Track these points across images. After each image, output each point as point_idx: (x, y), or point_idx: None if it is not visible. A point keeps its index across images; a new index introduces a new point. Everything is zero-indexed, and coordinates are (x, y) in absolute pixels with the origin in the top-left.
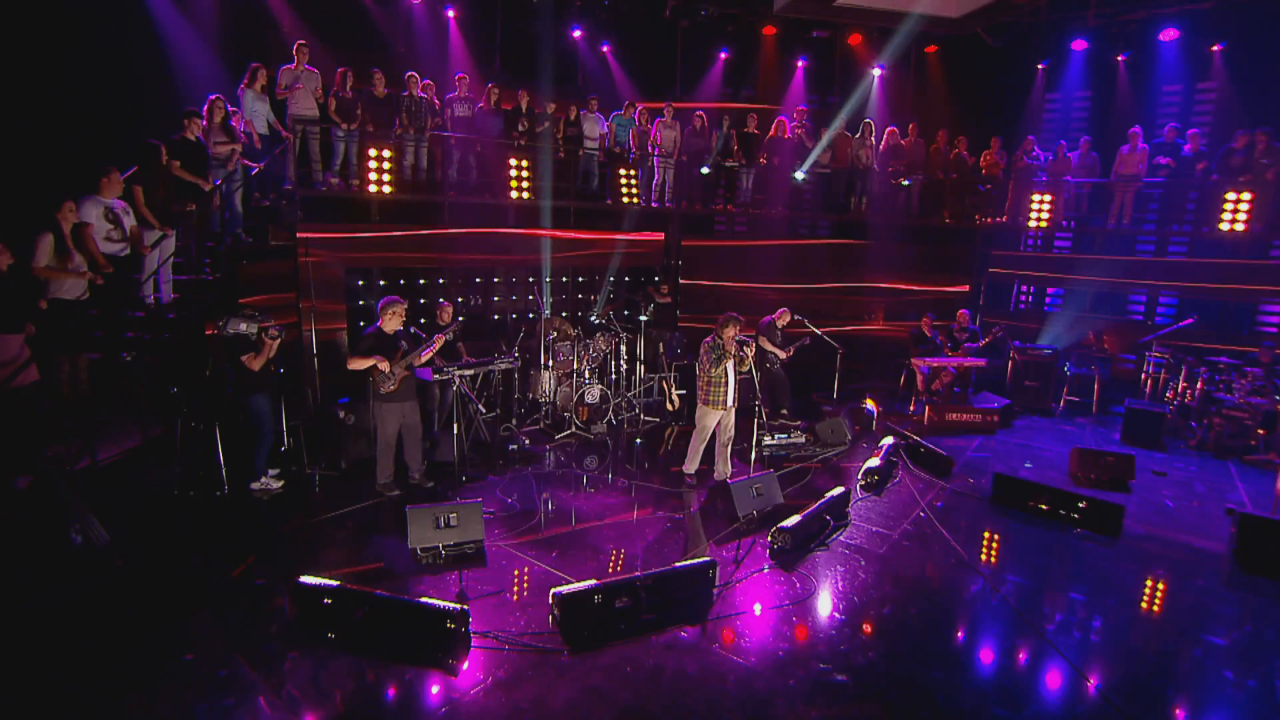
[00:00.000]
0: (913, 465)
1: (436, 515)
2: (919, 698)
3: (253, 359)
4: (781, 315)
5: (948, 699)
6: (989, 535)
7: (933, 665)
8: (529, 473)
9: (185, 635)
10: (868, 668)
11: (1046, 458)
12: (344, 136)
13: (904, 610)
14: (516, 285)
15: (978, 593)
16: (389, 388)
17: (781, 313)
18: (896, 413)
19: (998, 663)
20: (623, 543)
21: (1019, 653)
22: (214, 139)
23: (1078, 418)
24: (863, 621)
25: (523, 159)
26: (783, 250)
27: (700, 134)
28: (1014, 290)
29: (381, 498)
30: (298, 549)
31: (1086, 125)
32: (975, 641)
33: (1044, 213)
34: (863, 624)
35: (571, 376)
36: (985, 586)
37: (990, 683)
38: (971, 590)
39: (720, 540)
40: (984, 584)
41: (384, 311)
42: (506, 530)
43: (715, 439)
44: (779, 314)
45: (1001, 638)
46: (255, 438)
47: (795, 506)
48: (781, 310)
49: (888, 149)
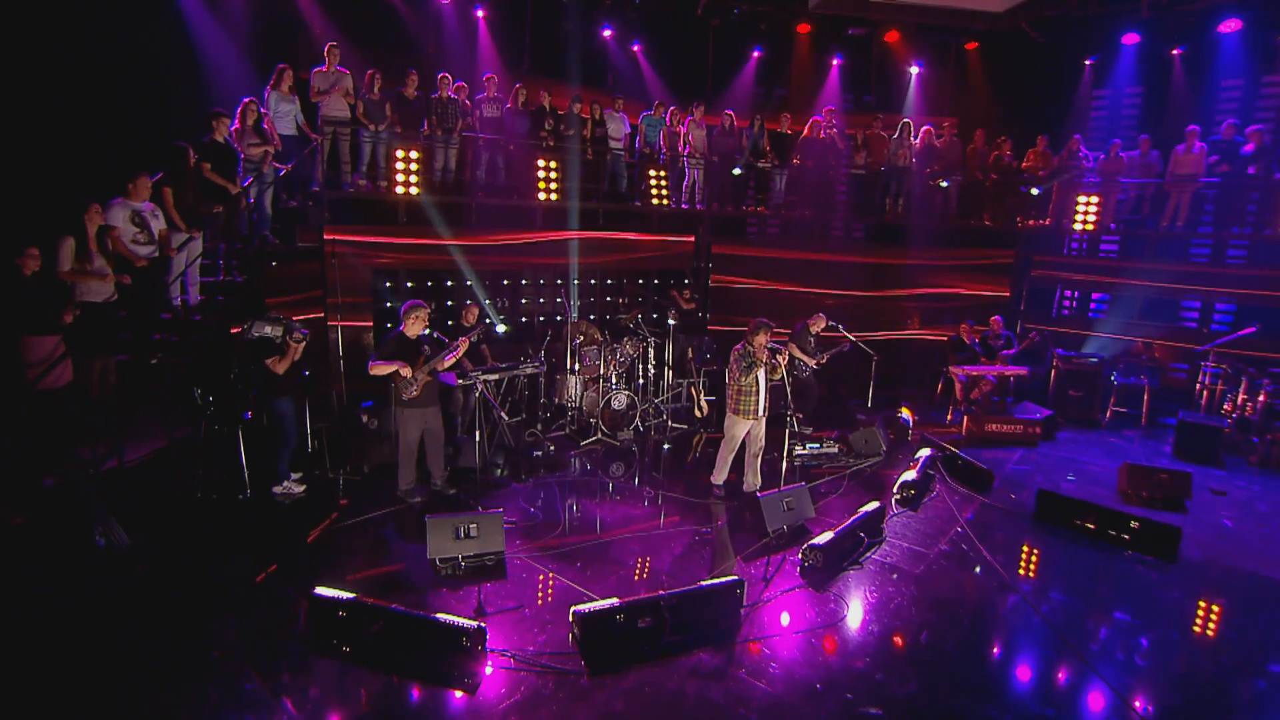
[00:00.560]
0: (950, 479)
1: (456, 526)
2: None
3: (277, 362)
4: (816, 321)
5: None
6: (1032, 556)
7: (973, 698)
8: (553, 480)
9: (197, 645)
10: (904, 700)
11: (1092, 473)
12: (371, 138)
13: (942, 637)
14: (544, 287)
15: (1021, 619)
16: (411, 394)
17: (816, 318)
18: (933, 422)
19: (1043, 697)
20: (647, 556)
21: (1067, 687)
22: (247, 141)
23: (1125, 430)
24: (899, 648)
25: (551, 160)
26: (815, 254)
27: (731, 134)
28: (1056, 295)
29: (403, 504)
30: (318, 556)
31: (1136, 123)
32: (1019, 673)
33: (1090, 215)
34: (899, 651)
35: (598, 382)
36: (1029, 612)
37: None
38: (1015, 616)
39: (749, 556)
40: (1028, 609)
41: (406, 316)
42: (528, 541)
43: (745, 449)
44: (813, 319)
45: (1048, 670)
46: (278, 441)
47: (827, 521)
48: (816, 315)
49: (924, 149)
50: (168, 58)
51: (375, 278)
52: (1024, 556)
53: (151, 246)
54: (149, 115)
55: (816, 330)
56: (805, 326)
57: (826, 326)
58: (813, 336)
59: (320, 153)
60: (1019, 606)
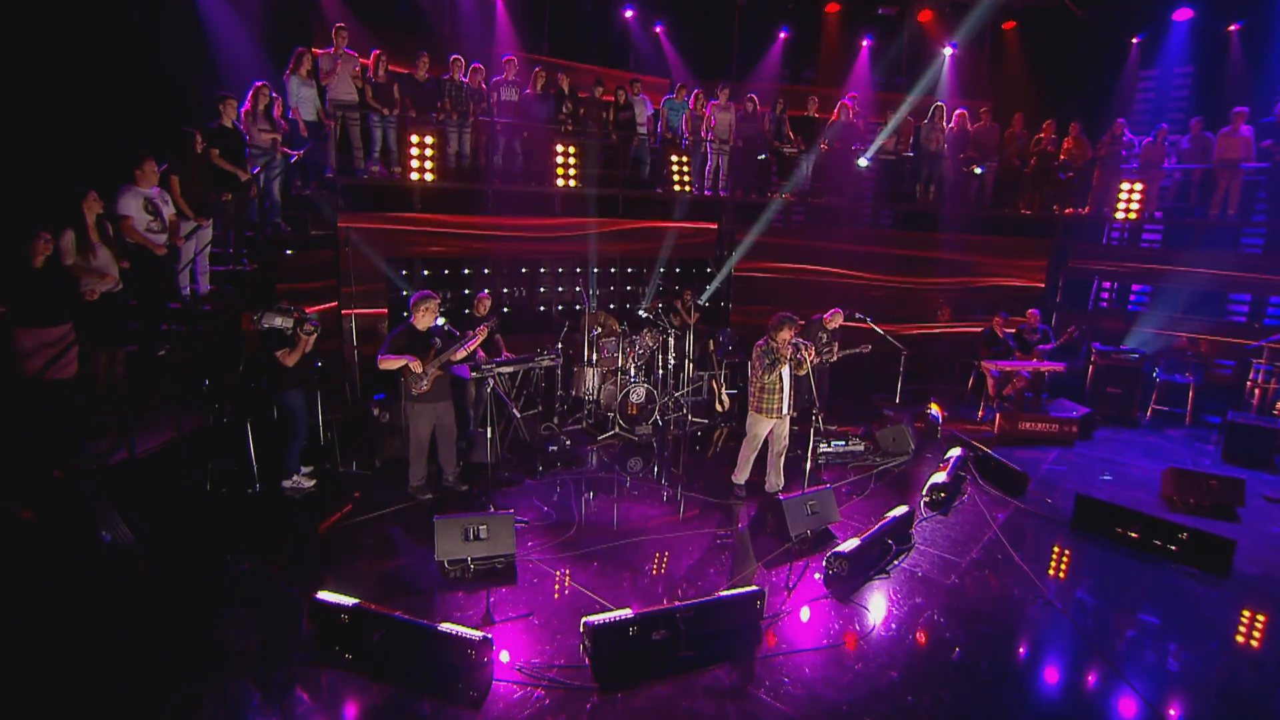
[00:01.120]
0: (982, 481)
1: (466, 527)
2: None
3: (287, 354)
4: (832, 318)
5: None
6: (1071, 567)
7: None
8: (568, 476)
9: (195, 649)
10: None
11: (1133, 476)
12: (381, 122)
13: (975, 656)
14: (563, 276)
15: (1061, 637)
16: (421, 388)
17: (833, 314)
18: (963, 419)
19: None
20: (664, 561)
21: (1111, 714)
22: (257, 126)
23: (1167, 429)
24: (928, 667)
25: (570, 145)
26: (843, 242)
27: (757, 118)
28: (1094, 287)
29: (414, 501)
30: (324, 554)
31: (1186, 106)
32: (1059, 699)
33: (1134, 203)
34: (928, 670)
35: (616, 374)
36: (1070, 629)
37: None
38: (1053, 633)
39: (770, 563)
40: (1068, 626)
41: (416, 307)
42: (541, 542)
43: (768, 448)
44: (829, 315)
45: (1090, 696)
46: (288, 434)
47: (853, 525)
48: (834, 311)
49: (958, 133)
50: (173, 39)
51: (390, 265)
52: (1062, 567)
53: (165, 235)
54: (153, 99)
55: (833, 327)
56: (819, 321)
57: (852, 318)
58: (826, 332)
59: (332, 138)
60: (1058, 622)
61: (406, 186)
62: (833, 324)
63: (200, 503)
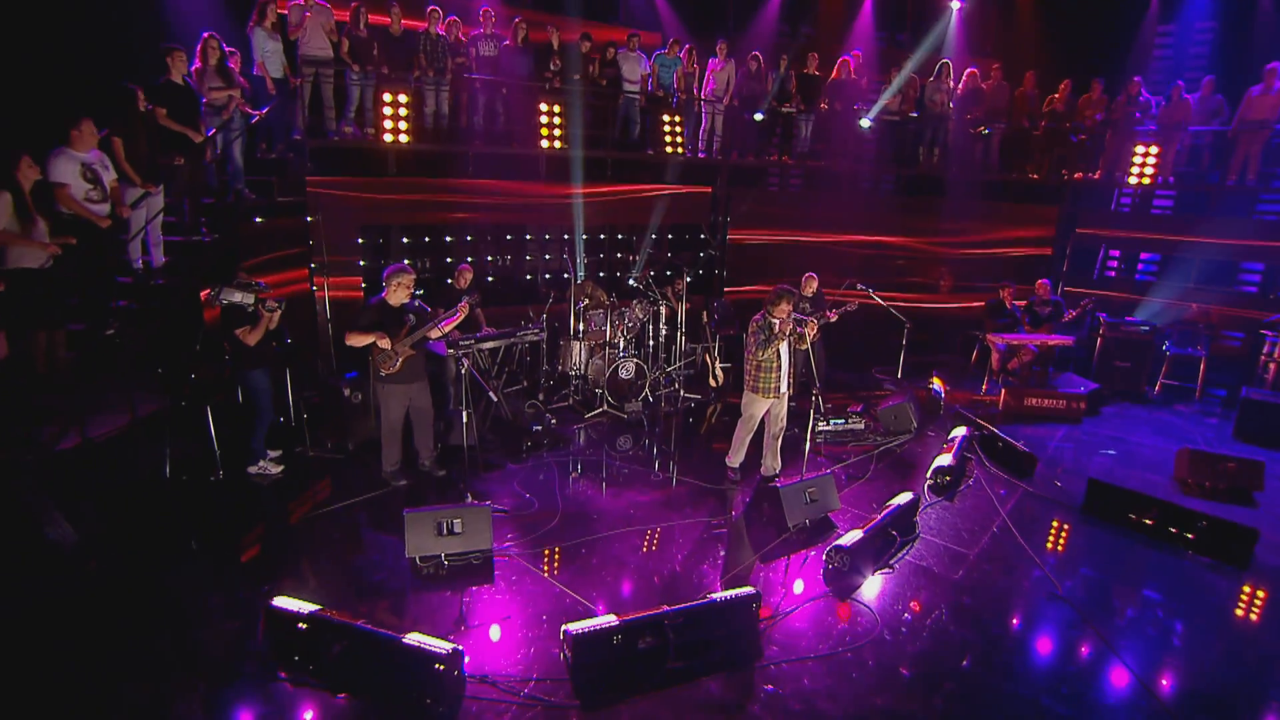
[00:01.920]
0: (989, 462)
1: (439, 520)
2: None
3: (248, 332)
4: (807, 282)
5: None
6: (1085, 558)
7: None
8: (552, 459)
9: (141, 659)
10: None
11: (1144, 455)
12: (358, 80)
13: (988, 662)
14: (550, 243)
15: (1078, 639)
16: (391, 368)
17: (808, 279)
18: (967, 392)
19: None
20: (653, 555)
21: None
22: (209, 84)
23: (1177, 405)
24: (938, 677)
25: (555, 104)
26: (842, 208)
27: (755, 76)
28: (1100, 255)
29: (387, 487)
30: (289, 548)
31: (1206, 64)
32: (1078, 710)
33: (1148, 167)
34: (938, 680)
35: (604, 348)
36: (1087, 631)
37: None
38: (1070, 636)
39: (767, 556)
40: (1085, 628)
41: (389, 281)
42: (520, 534)
43: (764, 429)
44: (804, 281)
45: (1112, 707)
46: (253, 417)
47: (854, 512)
48: (807, 276)
49: (966, 93)
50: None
51: (365, 234)
52: (1076, 559)
53: (107, 204)
54: (92, 52)
55: (809, 292)
56: (798, 292)
57: (853, 288)
58: (807, 300)
59: (301, 97)
60: (1074, 623)
61: (381, 149)
62: (808, 289)
63: (159, 491)
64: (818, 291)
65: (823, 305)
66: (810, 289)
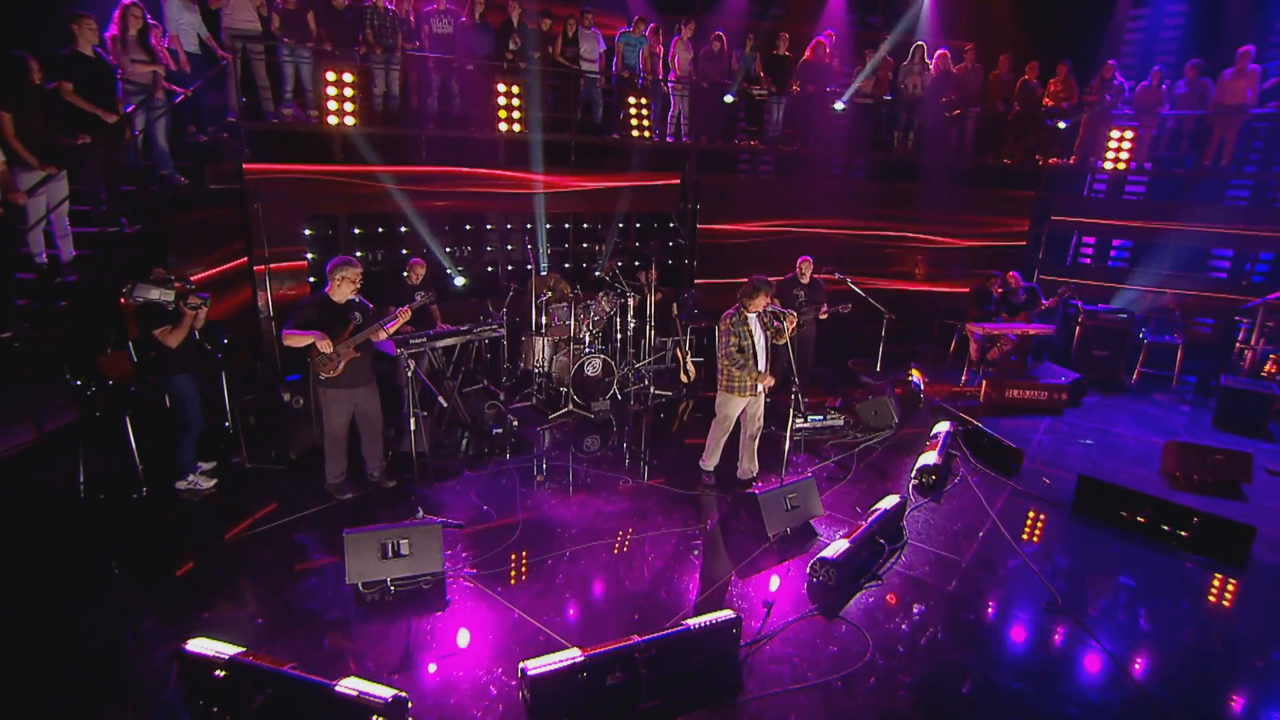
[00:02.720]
0: (973, 459)
1: (383, 541)
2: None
3: (168, 333)
4: (802, 268)
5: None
6: (1079, 561)
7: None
8: (513, 465)
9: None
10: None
11: (1128, 447)
12: (291, 57)
13: (989, 687)
14: (511, 233)
15: (1083, 656)
16: (332, 371)
17: (803, 262)
18: (945, 383)
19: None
20: (622, 572)
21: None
22: (130, 56)
23: (1154, 394)
24: (933, 702)
25: (514, 85)
26: (814, 194)
27: (721, 57)
28: (1072, 242)
29: (332, 501)
30: (217, 574)
31: (1178, 48)
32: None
33: (1123, 152)
34: (934, 708)
35: (569, 344)
36: (1091, 645)
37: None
38: (1076, 654)
39: (746, 570)
40: (1090, 642)
41: (333, 274)
42: (477, 552)
43: (740, 429)
44: (800, 264)
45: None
46: (179, 427)
47: (837, 517)
48: (803, 260)
49: (939, 76)
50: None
51: (312, 225)
52: (1072, 564)
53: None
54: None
55: (806, 280)
56: (793, 279)
57: (829, 278)
58: (802, 289)
59: (232, 75)
60: (1076, 636)
61: (325, 132)
62: (805, 276)
63: (72, 512)
64: (814, 279)
65: (819, 294)
66: (806, 276)
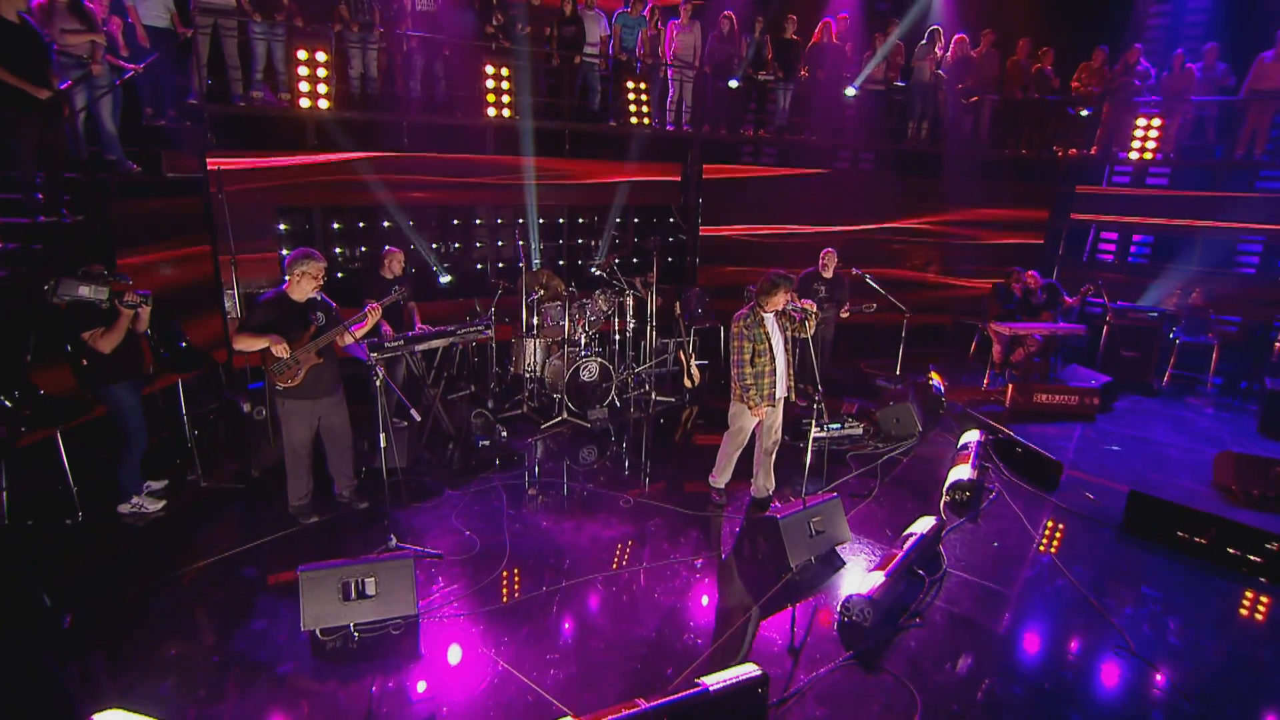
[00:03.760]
0: (1006, 471)
1: (345, 580)
2: None
3: (101, 336)
4: (826, 260)
5: None
6: (1143, 591)
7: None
8: (500, 482)
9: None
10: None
11: (1173, 457)
12: (264, 33)
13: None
14: (501, 227)
15: (1162, 714)
16: (291, 380)
17: (826, 255)
18: (967, 388)
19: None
20: (624, 612)
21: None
22: (60, 25)
23: (1187, 397)
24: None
25: (502, 67)
26: (822, 187)
27: (728, 39)
28: (1090, 237)
29: (295, 525)
30: (155, 616)
31: (1202, 31)
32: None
33: (1150, 141)
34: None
35: (564, 346)
36: (1176, 699)
37: None
38: (1151, 706)
39: (767, 607)
40: (1169, 692)
41: (292, 269)
42: (458, 587)
43: (754, 442)
44: (823, 257)
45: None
46: (120, 443)
47: (865, 541)
48: (826, 251)
49: (956, 62)
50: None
51: (284, 218)
52: (1133, 594)
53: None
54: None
55: (829, 275)
56: (815, 272)
57: (850, 273)
58: (824, 283)
59: (197, 53)
60: (1151, 684)
61: (297, 117)
62: (829, 271)
63: None
64: (837, 274)
65: (842, 291)
66: (829, 270)
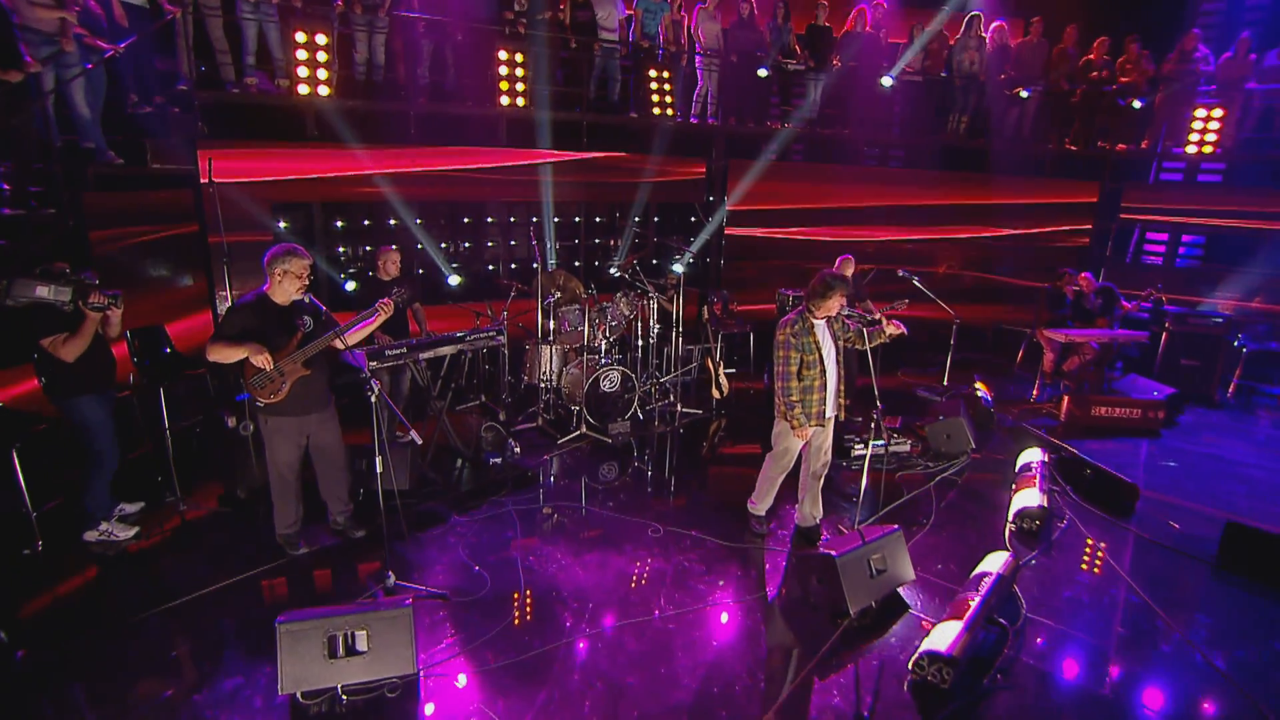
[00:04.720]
0: (1074, 495)
1: (331, 634)
2: None
3: (63, 342)
4: (843, 264)
5: None
6: (1255, 641)
7: None
8: (512, 505)
9: None
10: None
11: (1259, 479)
12: (254, 14)
13: None
14: (515, 226)
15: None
16: (274, 395)
17: (844, 260)
18: (1015, 400)
19: None
20: (658, 670)
21: None
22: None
23: (1259, 410)
24: None
25: (517, 53)
26: (859, 184)
27: (753, 26)
28: (1134, 237)
29: (283, 557)
30: (105, 670)
31: (1266, 15)
32: None
33: (1209, 134)
34: None
35: (582, 353)
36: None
37: None
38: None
39: (824, 666)
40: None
41: (273, 268)
42: (462, 636)
43: (800, 464)
44: (839, 261)
45: None
46: (87, 463)
47: (926, 580)
48: (843, 259)
49: (997, 50)
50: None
51: (282, 214)
52: (1246, 646)
53: None
54: None
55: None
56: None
57: (896, 271)
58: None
59: (184, 34)
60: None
61: (296, 105)
62: (848, 272)
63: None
64: (855, 279)
65: (861, 298)
66: (847, 275)
